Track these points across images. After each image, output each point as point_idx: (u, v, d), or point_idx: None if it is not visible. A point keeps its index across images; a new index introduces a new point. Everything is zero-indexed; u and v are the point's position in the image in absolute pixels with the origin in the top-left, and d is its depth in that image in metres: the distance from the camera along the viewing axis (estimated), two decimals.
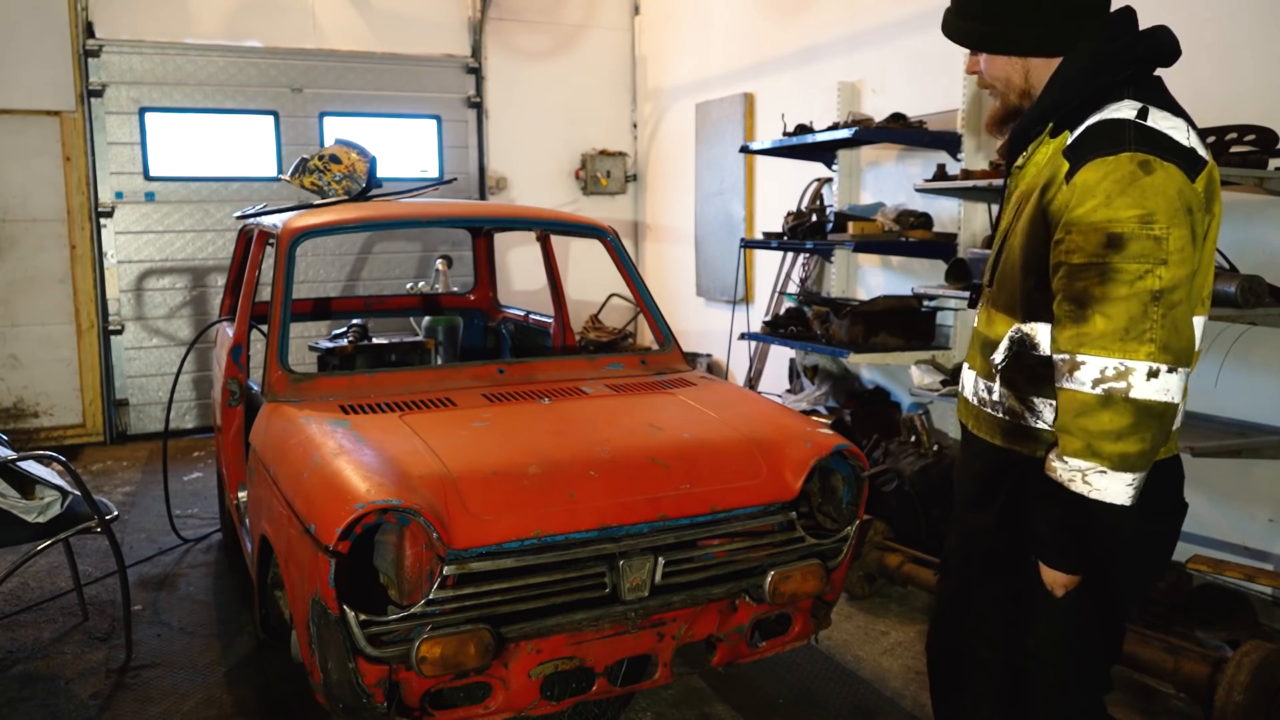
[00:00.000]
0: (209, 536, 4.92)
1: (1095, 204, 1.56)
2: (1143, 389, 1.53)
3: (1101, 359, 1.55)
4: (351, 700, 2.30)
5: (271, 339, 3.20)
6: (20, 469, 3.36)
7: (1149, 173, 1.55)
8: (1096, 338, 1.55)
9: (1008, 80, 1.81)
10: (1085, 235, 1.57)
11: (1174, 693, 3.18)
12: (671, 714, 3.19)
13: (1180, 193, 1.56)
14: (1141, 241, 1.53)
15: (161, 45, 6.95)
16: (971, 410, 1.93)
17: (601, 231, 3.92)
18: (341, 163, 4.05)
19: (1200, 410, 3.96)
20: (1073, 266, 1.58)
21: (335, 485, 2.39)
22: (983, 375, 1.87)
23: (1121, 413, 1.54)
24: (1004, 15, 1.74)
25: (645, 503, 2.55)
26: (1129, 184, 1.55)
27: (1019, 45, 1.75)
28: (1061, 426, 1.61)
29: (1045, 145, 1.75)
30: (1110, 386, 1.54)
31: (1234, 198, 3.82)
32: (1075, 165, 1.62)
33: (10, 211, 6.70)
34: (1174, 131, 1.62)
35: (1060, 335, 1.61)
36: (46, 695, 3.32)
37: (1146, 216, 1.53)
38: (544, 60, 8.19)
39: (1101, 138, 1.61)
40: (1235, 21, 3.76)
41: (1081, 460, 1.57)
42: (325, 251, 7.51)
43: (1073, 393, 1.59)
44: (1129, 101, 1.66)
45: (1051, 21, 1.71)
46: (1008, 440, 1.82)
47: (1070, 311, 1.59)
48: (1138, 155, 1.56)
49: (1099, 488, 1.57)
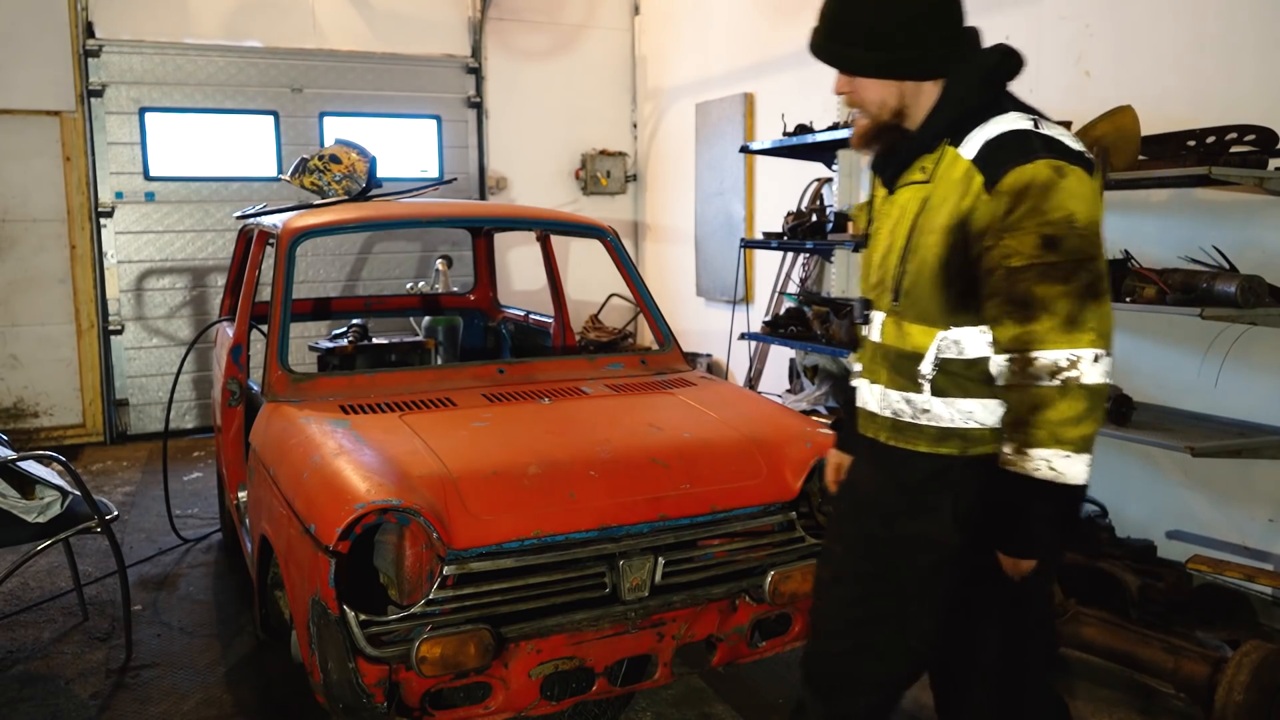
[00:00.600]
0: (209, 536, 4.92)
1: (1025, 210, 1.66)
2: (1092, 374, 1.64)
3: (1053, 352, 1.64)
4: (351, 700, 2.30)
5: (271, 339, 3.20)
6: (20, 469, 3.36)
7: (1063, 177, 1.66)
8: (1045, 333, 1.65)
9: (883, 103, 1.86)
10: (1020, 239, 1.66)
11: (1174, 693, 3.17)
12: (671, 714, 3.19)
13: (1093, 192, 1.69)
14: (1072, 240, 1.64)
15: (161, 45, 6.95)
16: (884, 423, 1.95)
17: (601, 231, 3.92)
18: (341, 163, 4.05)
19: (1200, 410, 3.96)
20: (1011, 269, 1.67)
21: (335, 485, 2.39)
22: (897, 388, 1.90)
23: (1078, 399, 1.64)
24: (886, 43, 1.79)
25: (645, 503, 2.55)
26: (1051, 188, 1.65)
27: (899, 70, 1.81)
28: (1021, 421, 1.69)
29: (948, 160, 1.79)
30: (1066, 376, 1.64)
31: (1234, 198, 3.82)
32: (993, 176, 1.70)
33: (10, 211, 6.70)
34: (1065, 138, 1.73)
35: (1006, 335, 1.70)
36: (46, 695, 3.32)
37: (1071, 218, 1.65)
38: (544, 60, 8.19)
39: (1012, 149, 1.70)
40: (1235, 21, 3.76)
41: (1046, 449, 1.66)
42: (325, 251, 7.51)
43: (1028, 388, 1.67)
44: (1015, 114, 1.76)
45: (929, 48, 1.79)
46: (934, 445, 1.86)
47: (1013, 312, 1.68)
48: (1051, 161, 1.67)
49: (1064, 471, 1.66)
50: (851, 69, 1.85)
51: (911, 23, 1.77)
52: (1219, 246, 3.73)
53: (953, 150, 1.79)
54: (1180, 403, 4.05)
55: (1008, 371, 1.71)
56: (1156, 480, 4.16)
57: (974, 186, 1.72)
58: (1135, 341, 4.23)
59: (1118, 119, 3.58)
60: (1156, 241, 4.06)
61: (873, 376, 1.98)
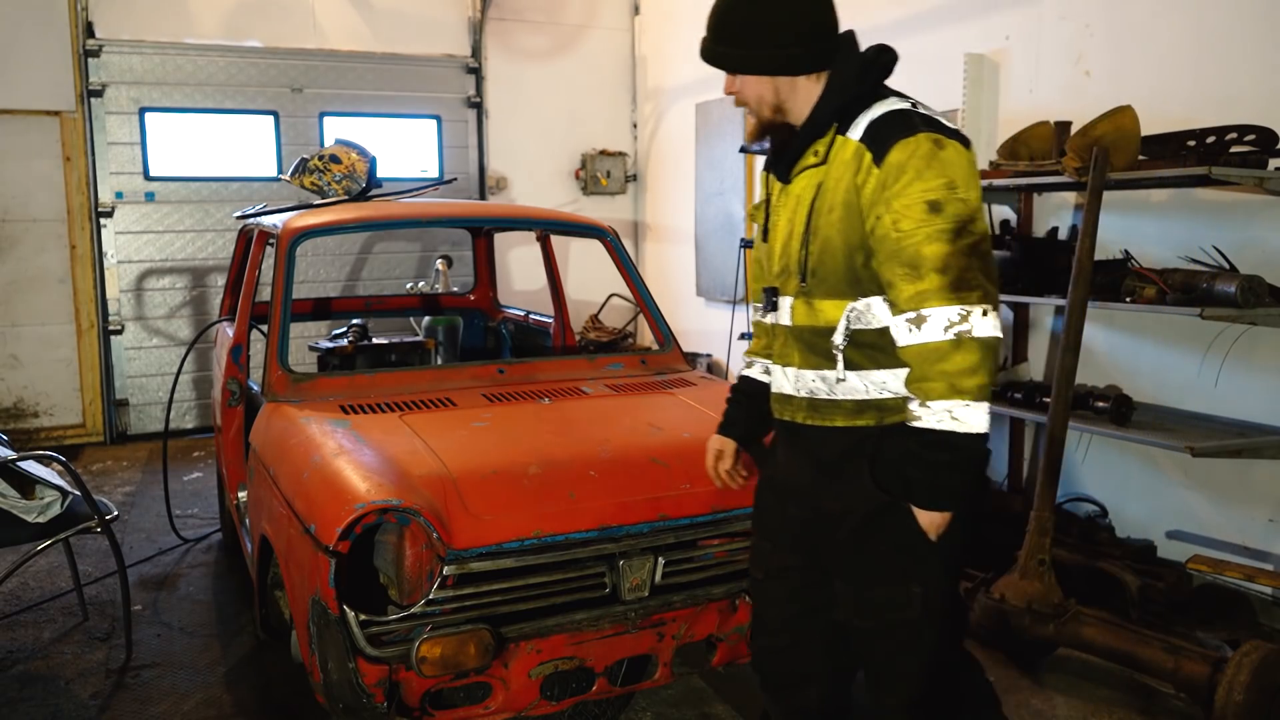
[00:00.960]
0: (209, 536, 4.92)
1: (909, 178, 1.79)
2: (982, 328, 1.76)
3: (944, 308, 1.76)
4: (351, 700, 2.30)
5: (271, 339, 3.20)
6: (20, 469, 3.36)
7: (942, 149, 1.81)
8: (935, 291, 1.76)
9: (760, 98, 2.00)
10: (908, 206, 1.79)
11: (1174, 693, 3.18)
12: (671, 714, 3.19)
13: (970, 162, 1.85)
14: (954, 204, 1.77)
15: (161, 45, 6.95)
16: (800, 404, 2.03)
17: (601, 231, 3.92)
18: (341, 163, 4.05)
19: (1200, 410, 3.96)
20: (902, 233, 1.79)
21: (335, 485, 2.39)
22: (811, 367, 2.00)
23: (971, 350, 1.75)
24: (761, 40, 1.93)
25: (645, 503, 2.55)
26: (931, 158, 1.79)
27: (773, 66, 1.95)
28: (920, 376, 1.80)
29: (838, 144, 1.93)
30: (959, 329, 1.75)
31: (1234, 198, 3.82)
32: (880, 151, 1.83)
33: (10, 211, 6.70)
34: (940, 118, 1.89)
35: (900, 297, 1.81)
36: (46, 695, 3.32)
37: (951, 183, 1.78)
38: (544, 60, 8.19)
39: (895, 125, 1.85)
40: (1235, 21, 3.76)
41: (946, 400, 1.77)
42: (325, 251, 7.51)
43: (925, 344, 1.78)
44: (895, 99, 1.92)
45: (804, 44, 1.93)
46: (851, 419, 1.96)
47: (906, 274, 1.80)
48: (931, 135, 1.82)
49: (964, 419, 1.76)
50: (727, 66, 2.00)
51: (780, 22, 1.91)
52: (1219, 246, 3.73)
53: (842, 136, 1.92)
54: (1180, 403, 4.05)
55: (905, 331, 1.81)
56: (1156, 480, 4.16)
57: (865, 163, 1.85)
58: (1135, 341, 4.23)
59: (1118, 119, 3.58)
60: (1156, 241, 4.06)
61: (785, 360, 2.07)
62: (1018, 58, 4.73)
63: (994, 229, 4.77)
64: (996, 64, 4.83)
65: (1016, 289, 4.17)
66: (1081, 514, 4.35)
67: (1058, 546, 3.61)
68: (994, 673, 3.45)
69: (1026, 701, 3.27)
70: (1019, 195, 4.61)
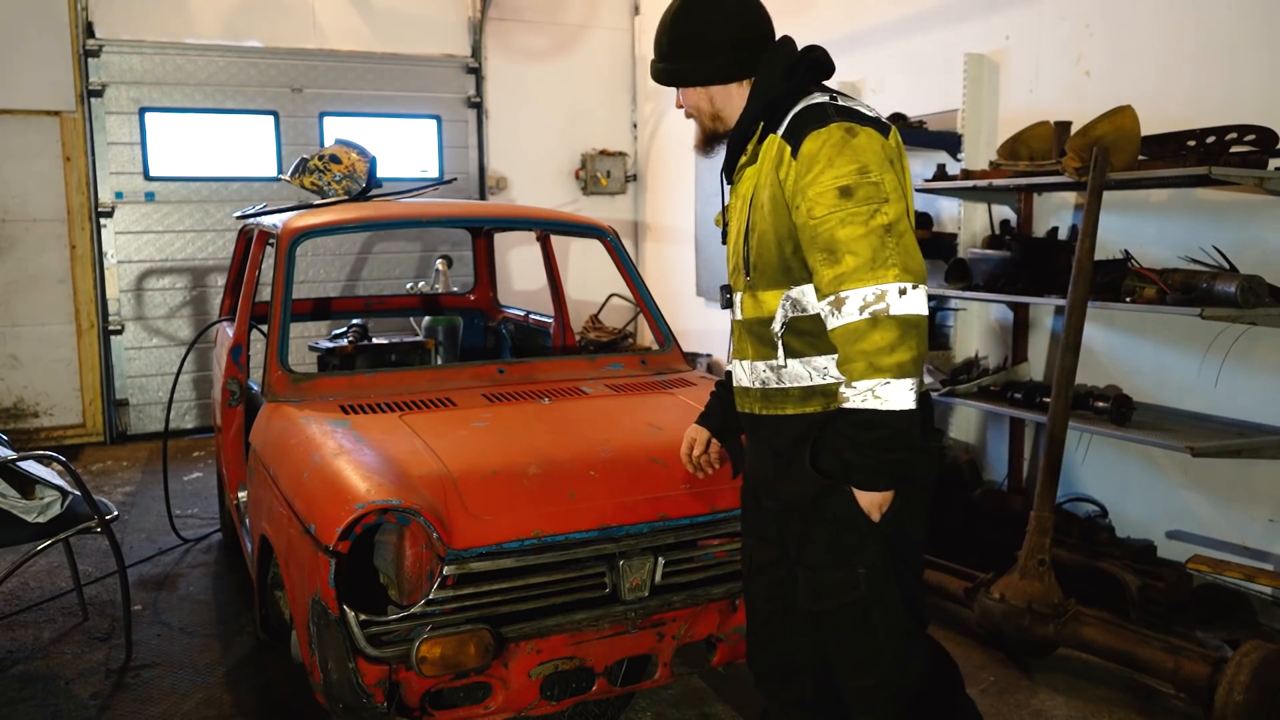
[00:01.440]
0: (209, 536, 4.92)
1: (821, 167, 1.87)
2: (899, 306, 1.80)
3: (860, 289, 1.81)
4: (351, 700, 2.30)
5: (271, 339, 3.20)
6: (20, 469, 3.36)
7: (854, 136, 1.88)
8: (851, 273, 1.82)
9: (699, 108, 2.14)
10: (820, 193, 1.87)
11: (1174, 693, 3.18)
12: (671, 714, 3.19)
13: (883, 147, 1.91)
14: (865, 188, 1.84)
15: (161, 45, 6.95)
16: (755, 395, 2.11)
17: (601, 231, 3.92)
18: (341, 163, 4.05)
19: (1200, 410, 3.96)
20: (816, 220, 1.87)
21: (335, 485, 2.39)
22: (761, 359, 2.08)
23: (888, 329, 1.79)
24: (690, 54, 2.08)
25: (645, 503, 2.55)
26: (843, 146, 1.87)
27: (702, 77, 2.09)
28: (845, 358, 1.85)
29: (767, 142, 2.03)
30: (874, 309, 1.80)
31: (1234, 198, 3.82)
32: (796, 142, 1.93)
33: (10, 211, 6.70)
34: (861, 108, 1.98)
35: (821, 282, 1.88)
36: (46, 695, 3.32)
37: (863, 168, 1.86)
38: (544, 60, 8.19)
39: (810, 118, 1.94)
40: (1236, 21, 3.76)
41: (867, 379, 1.81)
42: (325, 251, 7.51)
43: (844, 325, 1.84)
44: (818, 94, 2.02)
45: (728, 53, 2.05)
46: (800, 405, 2.02)
47: (824, 259, 1.86)
48: (843, 124, 1.90)
49: (886, 398, 1.80)
50: (666, 81, 2.13)
51: (705, 36, 2.05)
52: (1219, 246, 3.73)
53: (772, 135, 2.01)
54: (1180, 403, 4.05)
55: (829, 315, 1.87)
56: (1156, 480, 4.16)
57: (785, 156, 1.95)
58: (1135, 341, 4.23)
59: (1118, 119, 3.58)
60: (1156, 241, 4.06)
61: (740, 354, 2.16)
62: (1018, 58, 4.73)
63: (994, 229, 4.77)
64: (996, 64, 4.83)
65: (1016, 289, 4.16)
66: (1081, 514, 4.35)
67: (1058, 546, 3.61)
68: (994, 672, 3.45)
69: (1026, 701, 3.27)
70: (1019, 195, 4.61)
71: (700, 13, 2.05)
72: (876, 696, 2.05)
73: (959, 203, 4.88)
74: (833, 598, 2.00)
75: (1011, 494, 4.65)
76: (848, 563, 1.97)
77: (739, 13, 2.06)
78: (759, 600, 2.23)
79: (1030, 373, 4.68)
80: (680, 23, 2.07)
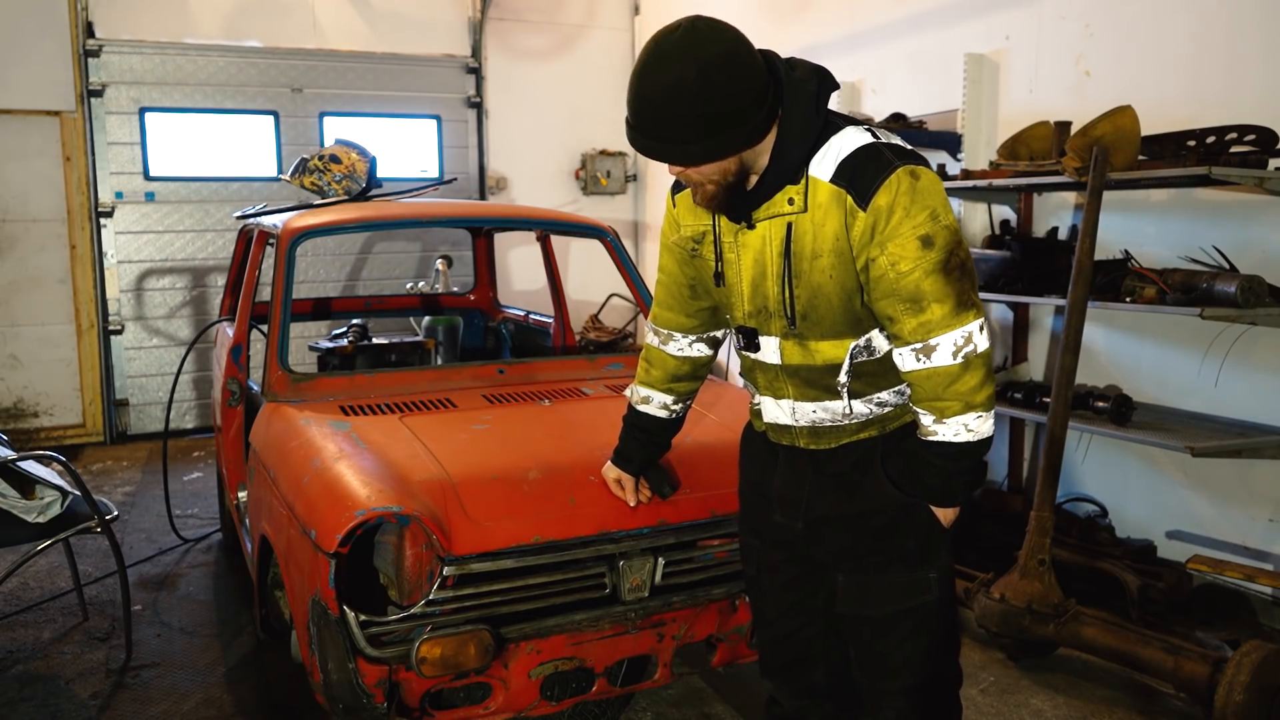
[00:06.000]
0: (209, 536, 4.92)
1: (899, 218, 1.82)
2: (982, 342, 1.86)
3: (949, 334, 1.84)
4: (351, 700, 2.30)
5: (271, 339, 3.20)
6: (20, 469, 3.36)
7: (919, 180, 1.84)
8: (939, 321, 1.83)
9: (726, 171, 1.87)
10: (902, 245, 1.82)
11: (1174, 693, 3.18)
12: (671, 714, 3.19)
13: (939, 184, 1.89)
14: (942, 234, 1.83)
15: (161, 45, 6.95)
16: (800, 431, 2.09)
17: (601, 231, 3.92)
18: (341, 163, 4.05)
19: (1200, 410, 3.96)
20: (900, 272, 1.84)
21: (335, 491, 2.39)
22: (809, 400, 2.04)
23: (978, 368, 1.86)
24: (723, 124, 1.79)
25: (645, 508, 2.55)
26: (913, 193, 1.82)
27: (744, 141, 1.83)
28: (933, 397, 1.88)
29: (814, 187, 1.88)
30: (965, 352, 1.84)
31: (1234, 198, 3.82)
32: (862, 194, 1.83)
33: (10, 211, 6.70)
34: (900, 142, 1.92)
35: (904, 330, 1.87)
36: (46, 695, 3.32)
37: (934, 213, 1.83)
38: (544, 60, 8.19)
39: (870, 164, 1.84)
40: (1236, 21, 3.76)
41: (962, 416, 1.87)
42: (325, 251, 7.51)
43: (934, 369, 1.86)
44: (851, 128, 1.91)
45: (755, 113, 1.81)
46: (855, 435, 2.06)
47: (908, 309, 1.85)
48: (906, 167, 1.84)
49: (978, 430, 1.89)
50: (697, 162, 1.84)
51: (735, 97, 1.77)
52: (1219, 246, 3.73)
53: (813, 177, 1.88)
54: (1180, 403, 4.05)
55: (913, 360, 1.88)
56: (1156, 480, 4.16)
57: (848, 206, 1.85)
58: (1135, 341, 4.23)
59: (1118, 119, 3.58)
60: (1156, 241, 4.06)
61: (776, 393, 2.10)
62: (1018, 58, 4.73)
63: (994, 229, 4.77)
64: (996, 64, 4.83)
65: (1016, 289, 4.16)
66: (1081, 514, 4.35)
67: (1058, 546, 3.61)
68: (994, 672, 3.45)
69: (1026, 701, 3.27)
70: (1019, 195, 4.61)
71: (721, 79, 1.74)
72: (914, 698, 2.09)
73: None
74: (901, 601, 2.06)
75: (1011, 494, 4.65)
76: (922, 569, 2.05)
77: (749, 58, 1.79)
78: (769, 596, 2.25)
79: (1030, 373, 4.68)
80: (705, 98, 1.75)
